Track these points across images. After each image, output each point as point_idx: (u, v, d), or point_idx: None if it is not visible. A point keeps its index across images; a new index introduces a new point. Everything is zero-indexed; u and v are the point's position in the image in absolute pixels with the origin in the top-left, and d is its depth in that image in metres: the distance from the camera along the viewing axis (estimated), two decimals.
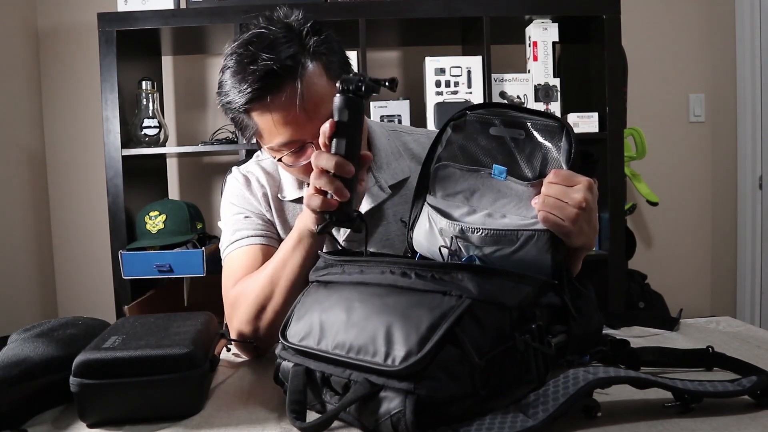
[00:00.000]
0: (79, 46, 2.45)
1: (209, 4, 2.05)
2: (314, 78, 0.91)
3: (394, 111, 2.14)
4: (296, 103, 0.89)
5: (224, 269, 1.04)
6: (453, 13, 2.07)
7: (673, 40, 2.65)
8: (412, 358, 0.59)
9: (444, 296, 0.63)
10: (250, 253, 1.01)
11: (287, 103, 0.90)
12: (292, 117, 0.90)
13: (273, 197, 1.08)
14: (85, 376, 0.69)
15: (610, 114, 2.10)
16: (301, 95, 0.89)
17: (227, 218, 1.08)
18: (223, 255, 1.06)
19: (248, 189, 1.09)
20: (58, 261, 2.53)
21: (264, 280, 0.92)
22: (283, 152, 0.95)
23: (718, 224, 2.72)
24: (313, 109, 0.90)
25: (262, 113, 0.91)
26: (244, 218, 1.06)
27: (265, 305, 0.92)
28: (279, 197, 1.08)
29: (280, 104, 0.90)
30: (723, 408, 0.65)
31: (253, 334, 0.93)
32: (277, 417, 0.70)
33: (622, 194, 2.15)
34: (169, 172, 2.51)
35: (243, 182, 1.10)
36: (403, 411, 0.59)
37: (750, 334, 0.97)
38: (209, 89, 2.53)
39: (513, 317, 0.65)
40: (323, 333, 0.68)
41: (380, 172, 1.07)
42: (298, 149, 0.94)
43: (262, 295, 0.92)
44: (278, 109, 0.90)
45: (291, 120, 0.90)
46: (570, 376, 0.64)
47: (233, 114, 0.95)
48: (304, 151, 0.94)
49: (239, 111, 0.93)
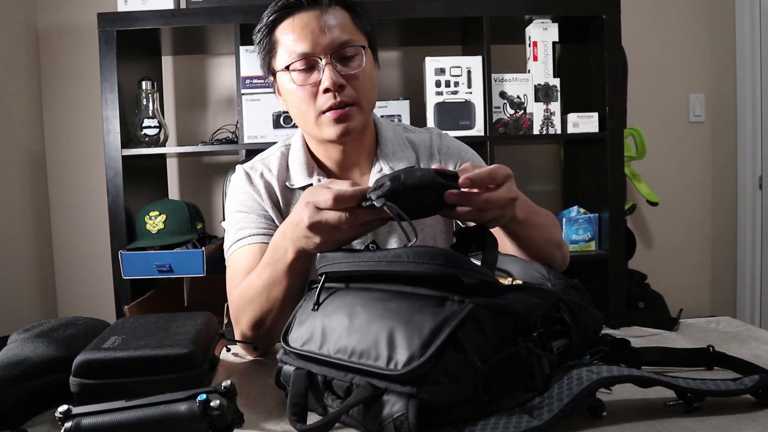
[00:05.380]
0: (79, 46, 2.45)
1: (209, 4, 2.05)
2: (338, 13, 1.03)
3: (394, 111, 2.14)
4: (322, 18, 1.00)
5: (228, 269, 1.05)
6: (453, 13, 2.07)
7: (673, 40, 2.65)
8: (414, 362, 0.59)
9: (446, 301, 0.63)
10: (252, 252, 1.02)
11: (312, 18, 1.00)
12: (312, 29, 1.00)
13: (281, 188, 1.10)
14: (85, 376, 0.69)
15: (610, 114, 2.10)
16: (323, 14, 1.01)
17: (230, 216, 1.10)
18: (227, 254, 1.07)
19: (250, 185, 1.10)
20: (58, 261, 2.52)
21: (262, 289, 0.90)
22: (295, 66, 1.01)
23: (718, 224, 2.72)
24: (330, 29, 1.00)
25: (287, 28, 1.02)
26: (246, 216, 1.07)
27: (266, 317, 0.91)
28: (287, 185, 1.10)
29: (305, 18, 1.01)
30: (723, 408, 0.65)
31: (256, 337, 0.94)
32: (278, 418, 0.70)
33: (622, 194, 2.15)
34: (169, 172, 2.50)
35: (245, 178, 1.11)
36: (406, 414, 0.59)
37: (750, 334, 0.97)
38: (209, 89, 2.54)
39: (517, 323, 0.64)
40: (325, 337, 0.68)
41: (386, 159, 1.12)
42: (308, 67, 1.01)
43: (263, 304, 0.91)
44: (302, 22, 1.01)
45: (311, 32, 1.00)
46: (574, 376, 0.64)
47: (261, 35, 1.05)
48: (313, 70, 1.01)
49: (269, 24, 1.03)
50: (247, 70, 2.04)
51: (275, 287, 0.88)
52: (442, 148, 1.17)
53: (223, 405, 0.59)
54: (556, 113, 2.13)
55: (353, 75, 1.01)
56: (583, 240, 2.16)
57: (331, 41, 0.99)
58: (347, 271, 0.72)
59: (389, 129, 1.17)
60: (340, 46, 1.00)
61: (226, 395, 0.61)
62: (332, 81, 0.98)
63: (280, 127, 2.05)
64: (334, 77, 0.99)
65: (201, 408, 0.58)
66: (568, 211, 2.20)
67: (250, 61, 2.04)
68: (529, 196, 1.01)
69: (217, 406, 0.58)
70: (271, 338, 0.94)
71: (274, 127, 2.05)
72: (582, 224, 2.16)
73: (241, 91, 2.05)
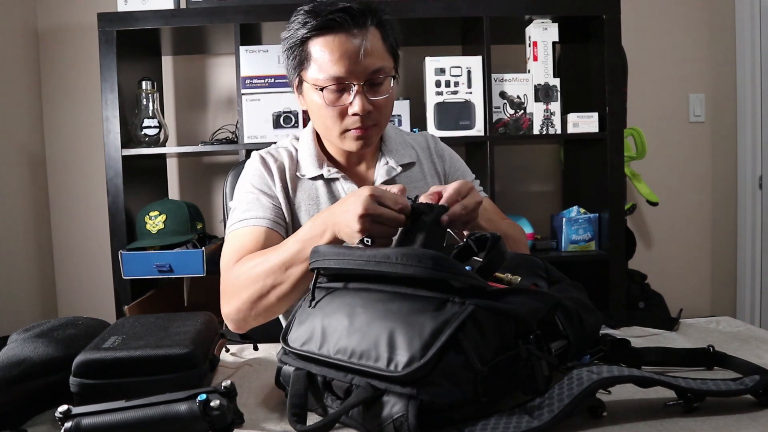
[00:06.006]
0: (79, 46, 2.45)
1: (209, 4, 2.05)
2: (375, 35, 1.04)
3: (394, 111, 2.13)
4: (359, 44, 1.00)
5: (227, 244, 1.08)
6: (453, 13, 2.07)
7: (673, 40, 2.65)
8: (414, 363, 0.59)
9: (447, 302, 0.63)
10: (255, 234, 1.05)
11: (350, 42, 1.01)
12: (350, 56, 1.00)
13: (291, 176, 1.14)
14: (85, 376, 0.69)
15: (610, 114, 2.10)
16: (364, 40, 1.01)
17: (241, 195, 1.13)
18: (229, 230, 1.09)
19: (264, 167, 1.14)
20: (58, 261, 2.52)
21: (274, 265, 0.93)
22: (328, 87, 1.02)
23: (718, 224, 2.72)
24: (367, 56, 1.01)
25: (324, 46, 1.01)
26: (257, 199, 1.10)
27: (270, 292, 0.94)
28: (298, 175, 1.15)
29: (344, 41, 1.01)
30: (723, 408, 0.65)
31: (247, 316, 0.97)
32: (278, 418, 0.70)
33: (622, 194, 2.15)
34: (169, 172, 2.50)
35: (259, 161, 1.16)
36: (406, 415, 0.59)
37: (750, 334, 0.97)
38: (209, 89, 2.53)
39: (517, 326, 0.64)
40: (325, 338, 0.68)
41: (390, 154, 1.18)
42: (340, 89, 1.03)
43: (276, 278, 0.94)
44: (341, 45, 1.01)
45: (348, 58, 1.00)
46: (574, 376, 0.64)
47: (293, 42, 1.04)
48: (344, 92, 1.03)
49: (304, 37, 1.02)
50: (247, 70, 2.04)
51: (296, 265, 0.92)
52: (438, 151, 1.27)
53: (223, 405, 0.59)
54: (556, 113, 2.13)
55: (380, 101, 1.05)
56: (583, 240, 2.16)
57: (365, 68, 1.02)
58: (338, 268, 0.73)
59: (391, 129, 1.24)
60: (372, 74, 1.03)
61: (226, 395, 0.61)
62: (362, 108, 1.02)
63: (280, 127, 2.05)
64: (365, 105, 1.03)
65: (201, 408, 0.58)
66: (568, 211, 2.20)
67: (250, 61, 2.04)
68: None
69: (217, 406, 0.58)
70: (265, 315, 0.97)
71: (274, 127, 2.05)
72: (582, 224, 2.16)
73: (241, 91, 2.05)
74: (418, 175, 1.20)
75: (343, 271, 0.73)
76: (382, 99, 1.05)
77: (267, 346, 0.99)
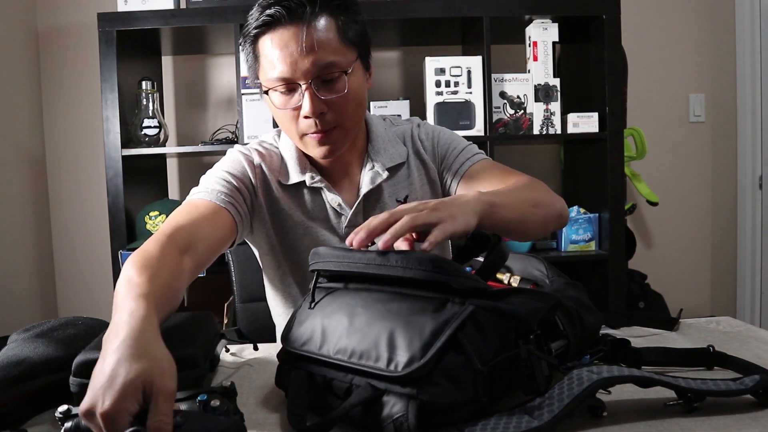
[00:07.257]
0: (79, 46, 2.45)
1: (209, 4, 2.05)
2: (323, 27, 0.94)
3: (394, 111, 2.14)
4: (298, 36, 0.92)
5: (178, 208, 0.99)
6: (453, 13, 2.07)
7: (673, 40, 2.65)
8: (414, 363, 0.59)
9: (447, 303, 0.63)
10: (207, 208, 0.97)
11: (289, 37, 0.93)
12: (291, 52, 0.93)
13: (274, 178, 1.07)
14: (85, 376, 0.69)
15: (610, 114, 2.10)
16: (304, 33, 0.92)
17: (214, 171, 1.06)
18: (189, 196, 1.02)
19: (247, 161, 1.07)
20: (58, 261, 2.52)
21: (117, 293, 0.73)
22: (274, 88, 0.96)
23: (718, 224, 2.72)
24: (310, 51, 0.92)
25: (266, 44, 0.95)
26: (225, 181, 1.03)
27: None
28: (280, 179, 1.07)
29: (284, 36, 0.93)
30: (723, 408, 0.65)
31: None
32: (278, 418, 0.70)
33: (622, 194, 2.15)
34: (169, 172, 2.50)
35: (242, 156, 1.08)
36: (406, 415, 0.59)
37: (750, 334, 0.97)
38: (209, 89, 2.53)
39: (517, 326, 0.64)
40: (325, 338, 0.68)
41: (378, 156, 1.09)
42: (288, 90, 0.96)
43: None
44: (280, 41, 0.93)
45: (290, 55, 0.93)
46: (574, 376, 0.64)
47: (245, 41, 0.99)
48: (294, 92, 0.96)
49: (251, 34, 0.96)
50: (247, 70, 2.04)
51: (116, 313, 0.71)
52: (421, 135, 1.15)
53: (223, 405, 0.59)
54: (556, 113, 2.13)
55: (335, 99, 0.96)
56: (583, 240, 2.16)
57: (311, 65, 0.92)
58: (338, 271, 0.72)
59: (380, 125, 1.14)
60: (321, 70, 0.93)
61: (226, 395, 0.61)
62: (311, 109, 0.94)
63: None
64: (314, 106, 0.94)
65: (201, 408, 0.58)
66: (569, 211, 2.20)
67: None
68: None
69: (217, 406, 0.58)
70: None
71: (274, 126, 2.04)
72: (582, 224, 2.16)
73: (241, 91, 2.05)
74: (404, 173, 1.11)
75: (343, 273, 0.73)
76: (337, 97, 0.95)
77: (267, 346, 0.99)
